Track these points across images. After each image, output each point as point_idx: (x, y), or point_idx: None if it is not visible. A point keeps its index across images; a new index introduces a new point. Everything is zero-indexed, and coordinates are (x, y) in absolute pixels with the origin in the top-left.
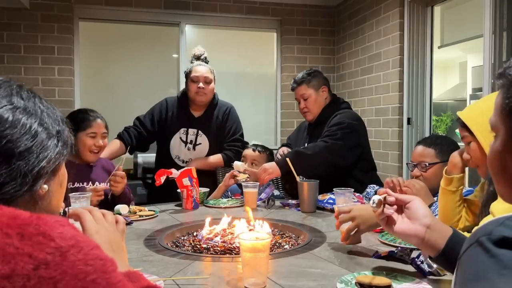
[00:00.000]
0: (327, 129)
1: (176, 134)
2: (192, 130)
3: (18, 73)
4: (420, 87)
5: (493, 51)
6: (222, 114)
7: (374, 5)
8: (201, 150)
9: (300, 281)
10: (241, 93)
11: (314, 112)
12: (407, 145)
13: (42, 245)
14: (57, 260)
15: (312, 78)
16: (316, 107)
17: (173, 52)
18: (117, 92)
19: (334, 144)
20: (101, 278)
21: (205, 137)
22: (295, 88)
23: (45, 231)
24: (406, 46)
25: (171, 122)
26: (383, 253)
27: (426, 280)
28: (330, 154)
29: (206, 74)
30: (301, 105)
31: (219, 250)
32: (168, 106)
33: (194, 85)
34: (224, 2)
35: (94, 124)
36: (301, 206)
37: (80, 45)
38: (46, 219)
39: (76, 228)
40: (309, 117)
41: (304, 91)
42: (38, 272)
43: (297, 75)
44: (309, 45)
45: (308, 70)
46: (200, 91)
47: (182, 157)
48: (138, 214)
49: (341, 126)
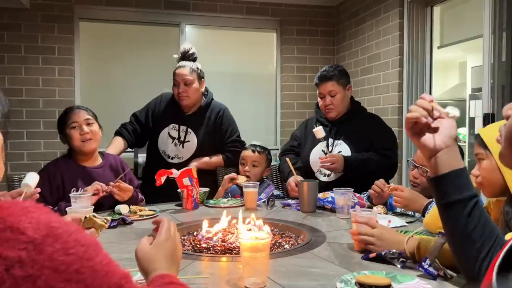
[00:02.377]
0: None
1: (165, 128)
2: (182, 127)
3: (19, 73)
4: (419, 87)
5: (493, 51)
6: (215, 116)
7: (374, 6)
8: (188, 147)
9: (300, 281)
10: (241, 93)
11: (339, 110)
12: (406, 145)
13: (11, 242)
14: (32, 255)
15: (341, 75)
16: (342, 105)
17: (173, 53)
18: (117, 92)
19: None
20: (84, 267)
21: (194, 135)
22: (322, 84)
23: (12, 224)
24: (405, 46)
25: (162, 116)
26: (372, 254)
27: (426, 279)
28: None
29: (185, 76)
30: (326, 101)
31: (219, 249)
32: (162, 101)
33: (175, 88)
34: (224, 2)
35: (73, 115)
36: (301, 206)
37: (81, 46)
38: (10, 208)
39: (48, 210)
40: (332, 114)
41: (333, 87)
42: (12, 273)
43: (324, 69)
44: (309, 45)
45: (335, 65)
46: (181, 95)
47: (168, 152)
48: (138, 214)
49: None
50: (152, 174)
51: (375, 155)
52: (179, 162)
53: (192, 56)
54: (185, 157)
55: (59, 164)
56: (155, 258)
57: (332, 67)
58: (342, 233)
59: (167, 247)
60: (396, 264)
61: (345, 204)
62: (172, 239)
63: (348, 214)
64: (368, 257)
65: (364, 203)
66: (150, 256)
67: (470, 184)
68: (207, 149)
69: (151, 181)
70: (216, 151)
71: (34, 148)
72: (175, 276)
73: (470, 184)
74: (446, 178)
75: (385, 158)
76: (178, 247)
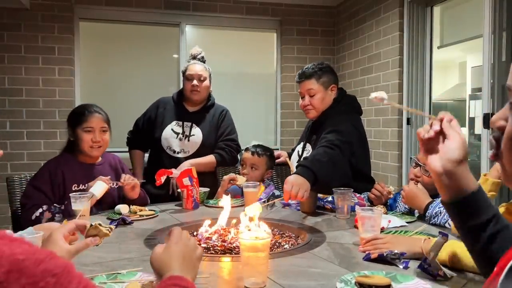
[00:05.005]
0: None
1: (168, 126)
2: (187, 123)
3: (19, 73)
4: (419, 87)
5: (493, 51)
6: (218, 114)
7: (374, 6)
8: (194, 141)
9: (300, 281)
10: (241, 93)
11: (318, 110)
12: (406, 145)
13: None
14: None
15: (322, 74)
16: (322, 106)
17: (173, 53)
18: (118, 92)
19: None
20: None
21: (199, 129)
22: (302, 82)
23: None
24: (405, 46)
25: (162, 117)
26: (373, 255)
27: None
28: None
29: (200, 72)
30: (305, 101)
31: (219, 249)
32: (160, 104)
33: (188, 83)
34: (224, 2)
35: (90, 119)
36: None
37: (81, 45)
38: None
39: (12, 238)
40: (311, 115)
41: (311, 86)
42: None
43: (306, 67)
44: (309, 45)
45: (319, 63)
46: (194, 88)
47: (173, 148)
48: (138, 214)
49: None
50: (154, 174)
51: (320, 148)
52: (185, 157)
53: (202, 59)
54: (191, 151)
55: (59, 161)
56: (166, 262)
57: (314, 64)
58: (342, 233)
59: (177, 250)
60: (398, 265)
61: (344, 204)
62: (183, 242)
63: (347, 214)
64: (369, 258)
65: (364, 203)
66: (161, 260)
67: (481, 209)
68: (211, 144)
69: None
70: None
71: (34, 148)
72: (185, 278)
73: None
74: (451, 206)
75: (328, 144)
76: (191, 249)
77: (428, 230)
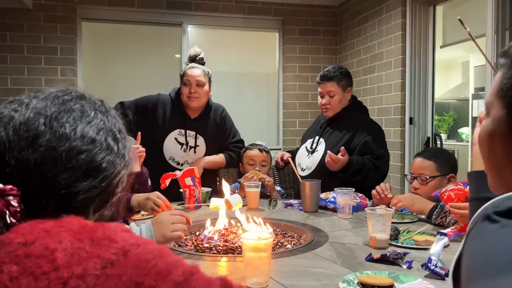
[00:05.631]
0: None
1: (171, 134)
2: (190, 132)
3: (21, 74)
4: (422, 87)
5: (496, 51)
6: (219, 117)
7: (376, 5)
8: (200, 152)
9: (302, 281)
10: (243, 93)
11: (336, 110)
12: (409, 145)
13: (108, 247)
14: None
15: (342, 77)
16: (339, 107)
17: (175, 53)
18: (120, 92)
19: None
20: (160, 261)
21: (202, 139)
22: (323, 83)
23: (110, 235)
24: (408, 46)
25: (163, 122)
26: (376, 256)
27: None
28: None
29: (198, 78)
30: (324, 101)
31: (221, 249)
32: (159, 104)
33: (186, 88)
34: (226, 2)
35: None
36: (303, 206)
37: (83, 46)
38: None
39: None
40: (329, 114)
41: (332, 88)
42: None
43: (327, 69)
44: (311, 45)
45: (338, 66)
46: (192, 95)
47: (177, 159)
48: (140, 214)
49: None
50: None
51: (370, 163)
52: None
53: (201, 61)
54: None
55: None
56: None
57: (335, 67)
58: (344, 233)
59: (156, 218)
60: (401, 265)
61: (346, 204)
62: (163, 218)
63: (349, 214)
64: (371, 258)
65: (366, 203)
66: None
67: None
68: (214, 151)
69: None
70: (219, 152)
71: None
72: None
73: None
74: None
75: (376, 168)
76: (164, 226)
77: (431, 231)
